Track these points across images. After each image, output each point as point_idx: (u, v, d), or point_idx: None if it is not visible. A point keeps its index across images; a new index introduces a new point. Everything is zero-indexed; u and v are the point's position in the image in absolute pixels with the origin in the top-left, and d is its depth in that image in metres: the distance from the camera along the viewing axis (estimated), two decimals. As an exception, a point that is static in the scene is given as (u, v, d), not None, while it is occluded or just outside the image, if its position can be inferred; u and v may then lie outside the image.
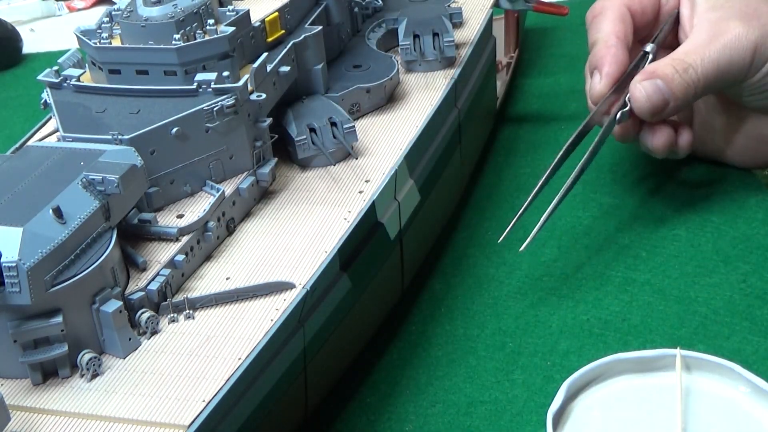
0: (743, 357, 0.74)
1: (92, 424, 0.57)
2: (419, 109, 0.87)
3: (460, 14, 1.00)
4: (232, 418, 0.60)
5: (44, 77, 0.77)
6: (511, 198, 0.98)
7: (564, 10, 1.13)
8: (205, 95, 0.72)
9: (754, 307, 0.80)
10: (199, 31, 0.75)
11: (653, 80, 0.85)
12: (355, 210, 0.74)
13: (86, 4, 1.73)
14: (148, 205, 0.71)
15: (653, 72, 0.85)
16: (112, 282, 0.63)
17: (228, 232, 0.73)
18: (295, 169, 0.81)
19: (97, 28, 0.79)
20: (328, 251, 0.70)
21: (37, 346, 0.60)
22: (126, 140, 0.68)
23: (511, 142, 1.09)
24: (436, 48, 0.93)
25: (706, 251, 0.87)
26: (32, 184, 0.63)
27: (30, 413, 0.58)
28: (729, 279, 0.83)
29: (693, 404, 0.61)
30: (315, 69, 0.85)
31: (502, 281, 0.86)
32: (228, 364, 0.60)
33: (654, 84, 0.85)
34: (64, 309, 0.60)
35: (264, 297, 0.66)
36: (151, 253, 0.68)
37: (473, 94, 0.98)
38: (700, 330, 0.78)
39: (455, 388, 0.75)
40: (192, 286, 0.68)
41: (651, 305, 0.81)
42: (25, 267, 0.57)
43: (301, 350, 0.67)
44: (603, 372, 0.64)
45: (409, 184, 0.81)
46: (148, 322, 0.64)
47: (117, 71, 0.75)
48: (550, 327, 0.80)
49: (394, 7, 1.02)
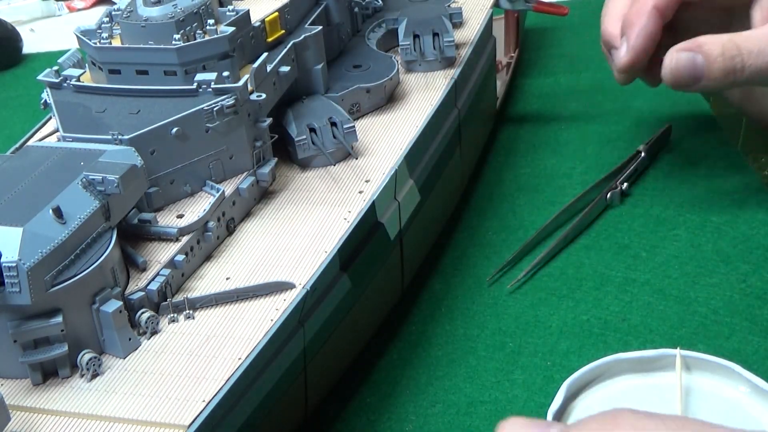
0: (743, 357, 0.74)
1: (92, 424, 0.57)
2: (419, 109, 0.87)
3: (460, 14, 1.00)
4: (232, 418, 0.60)
5: (44, 77, 0.77)
6: (511, 198, 0.98)
7: (564, 10, 1.13)
8: (205, 95, 0.72)
9: (754, 307, 0.80)
10: (199, 31, 0.75)
11: (694, 53, 0.80)
12: (355, 210, 0.74)
13: (86, 4, 1.73)
14: (148, 205, 0.71)
15: (699, 45, 0.80)
16: (112, 282, 0.63)
17: (228, 232, 0.73)
18: (295, 169, 0.81)
19: (97, 28, 0.79)
20: (328, 251, 0.70)
21: (37, 346, 0.60)
22: (126, 140, 0.68)
23: (511, 142, 1.09)
24: (436, 48, 0.93)
25: (706, 251, 0.87)
26: (32, 184, 0.63)
27: (30, 413, 0.58)
28: (729, 279, 0.83)
29: (693, 404, 0.61)
30: (315, 69, 0.85)
31: (502, 281, 0.86)
32: (228, 364, 0.60)
33: (692, 58, 0.80)
34: (64, 309, 0.60)
35: (264, 297, 0.66)
36: (151, 253, 0.68)
37: (473, 94, 0.98)
38: (700, 330, 0.78)
39: (455, 388, 0.75)
40: (192, 286, 0.68)
41: (651, 305, 0.81)
42: (25, 267, 0.57)
43: (301, 350, 0.67)
44: (603, 372, 0.64)
45: (409, 184, 0.81)
46: (148, 322, 0.64)
47: (117, 71, 0.75)
48: (550, 327, 0.80)
49: (394, 7, 1.02)
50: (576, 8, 1.26)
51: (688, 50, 0.80)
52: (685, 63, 0.80)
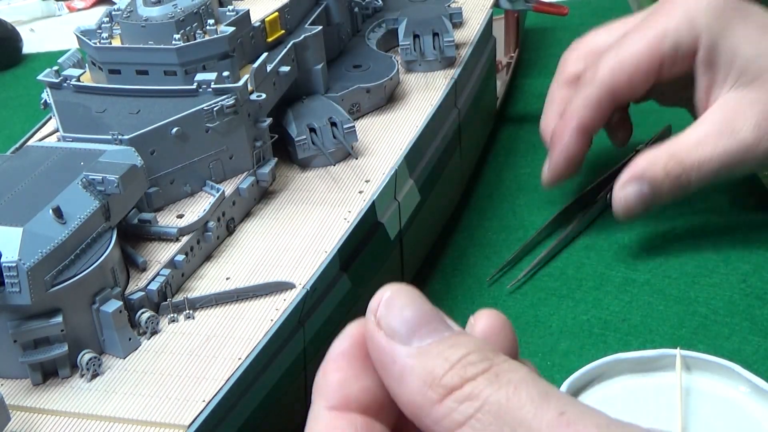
0: (743, 357, 0.74)
1: (92, 424, 0.57)
2: (419, 109, 0.87)
3: (460, 14, 1.00)
4: (232, 418, 0.60)
5: (44, 77, 0.77)
6: (511, 198, 0.98)
7: (564, 10, 1.13)
8: (205, 95, 0.72)
9: (754, 307, 0.80)
10: (199, 31, 0.75)
11: (640, 184, 0.79)
12: (355, 210, 0.74)
13: (86, 4, 1.73)
14: (148, 205, 0.71)
15: (642, 174, 0.78)
16: (112, 282, 0.63)
17: (228, 232, 0.73)
18: (295, 169, 0.81)
19: (97, 28, 0.79)
20: (328, 251, 0.70)
21: (37, 346, 0.60)
22: (126, 140, 0.68)
23: (511, 142, 1.09)
24: (436, 48, 0.93)
25: (706, 251, 0.87)
26: (32, 184, 0.63)
27: (30, 413, 0.58)
28: (729, 279, 0.83)
29: (693, 404, 0.61)
30: (315, 69, 0.85)
31: (502, 281, 0.86)
32: (228, 364, 0.60)
33: (638, 191, 0.79)
34: (64, 309, 0.60)
35: (264, 297, 0.66)
36: (151, 253, 0.68)
37: (473, 94, 0.98)
38: (700, 330, 0.78)
39: (455, 388, 0.75)
40: (192, 286, 0.68)
41: (651, 305, 0.81)
42: (25, 267, 0.57)
43: (301, 350, 0.67)
44: (603, 372, 0.64)
45: (409, 184, 0.81)
46: (148, 322, 0.64)
47: (117, 71, 0.75)
48: (550, 327, 0.80)
49: (394, 7, 1.02)
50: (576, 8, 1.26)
51: (632, 181, 0.79)
52: (634, 197, 0.79)
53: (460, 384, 0.35)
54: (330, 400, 0.39)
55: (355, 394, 0.39)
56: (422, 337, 0.38)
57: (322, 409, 0.39)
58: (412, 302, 0.39)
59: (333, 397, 0.39)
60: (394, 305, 0.39)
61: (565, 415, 0.34)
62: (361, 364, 0.39)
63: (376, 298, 0.40)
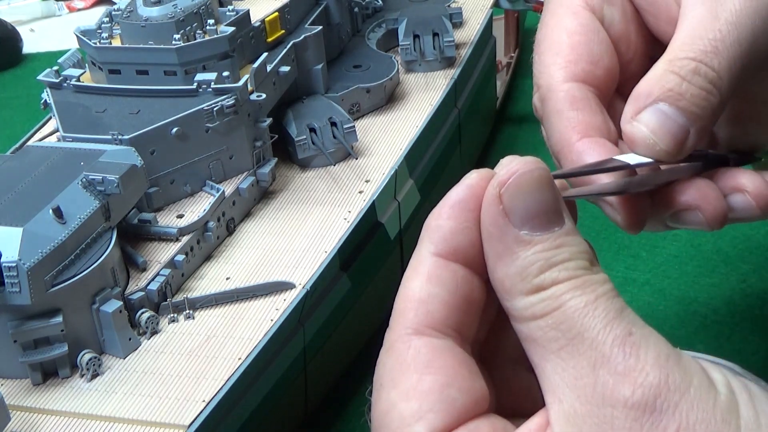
0: (743, 357, 0.74)
1: (92, 424, 0.57)
2: (419, 109, 0.87)
3: (460, 14, 1.00)
4: (232, 418, 0.60)
5: (44, 77, 0.77)
6: (511, 198, 0.98)
7: (564, 10, 1.12)
8: (205, 95, 0.72)
9: (754, 307, 0.80)
10: (199, 31, 0.75)
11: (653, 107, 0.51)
12: (355, 210, 0.74)
13: (86, 4, 1.72)
14: (148, 205, 0.71)
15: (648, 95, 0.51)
16: (112, 282, 0.63)
17: (228, 232, 0.73)
18: (295, 169, 0.81)
19: (97, 28, 0.79)
20: (328, 251, 0.69)
21: (37, 346, 0.60)
22: (126, 140, 0.68)
23: (511, 142, 1.09)
24: (436, 48, 0.93)
25: (706, 251, 0.87)
26: (32, 184, 0.63)
27: (30, 413, 0.58)
28: (729, 279, 0.83)
29: (693, 404, 0.61)
30: (315, 69, 0.85)
31: (502, 281, 0.86)
32: (228, 364, 0.60)
33: (657, 112, 0.51)
34: (64, 309, 0.60)
35: (264, 297, 0.66)
36: (151, 253, 0.68)
37: (473, 94, 0.97)
38: (700, 330, 0.78)
39: (455, 388, 0.75)
40: (192, 286, 0.68)
41: (651, 305, 0.81)
42: (25, 267, 0.57)
43: (301, 350, 0.67)
44: (603, 372, 0.64)
45: (409, 184, 0.81)
46: (148, 322, 0.63)
47: (117, 71, 0.75)
48: (550, 327, 0.80)
49: (394, 7, 1.02)
50: (576, 8, 1.25)
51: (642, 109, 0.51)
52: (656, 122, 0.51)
53: (549, 285, 0.38)
54: (437, 247, 0.40)
55: (463, 246, 0.40)
56: (534, 228, 0.39)
57: (428, 254, 0.41)
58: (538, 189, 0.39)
59: (441, 245, 0.40)
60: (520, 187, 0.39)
61: (631, 336, 0.38)
62: (474, 216, 0.40)
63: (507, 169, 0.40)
